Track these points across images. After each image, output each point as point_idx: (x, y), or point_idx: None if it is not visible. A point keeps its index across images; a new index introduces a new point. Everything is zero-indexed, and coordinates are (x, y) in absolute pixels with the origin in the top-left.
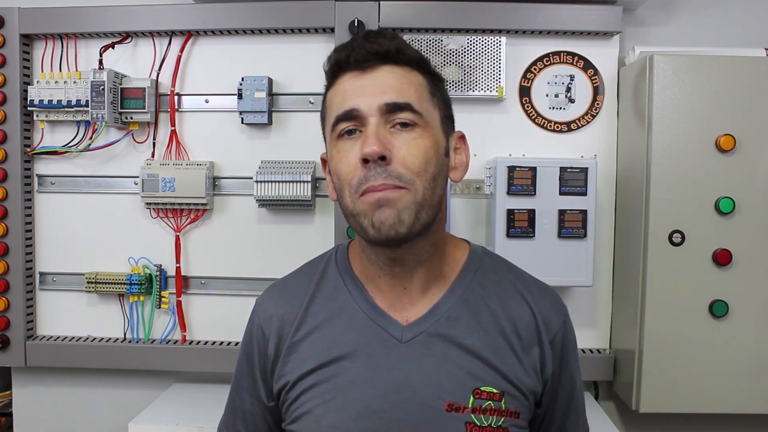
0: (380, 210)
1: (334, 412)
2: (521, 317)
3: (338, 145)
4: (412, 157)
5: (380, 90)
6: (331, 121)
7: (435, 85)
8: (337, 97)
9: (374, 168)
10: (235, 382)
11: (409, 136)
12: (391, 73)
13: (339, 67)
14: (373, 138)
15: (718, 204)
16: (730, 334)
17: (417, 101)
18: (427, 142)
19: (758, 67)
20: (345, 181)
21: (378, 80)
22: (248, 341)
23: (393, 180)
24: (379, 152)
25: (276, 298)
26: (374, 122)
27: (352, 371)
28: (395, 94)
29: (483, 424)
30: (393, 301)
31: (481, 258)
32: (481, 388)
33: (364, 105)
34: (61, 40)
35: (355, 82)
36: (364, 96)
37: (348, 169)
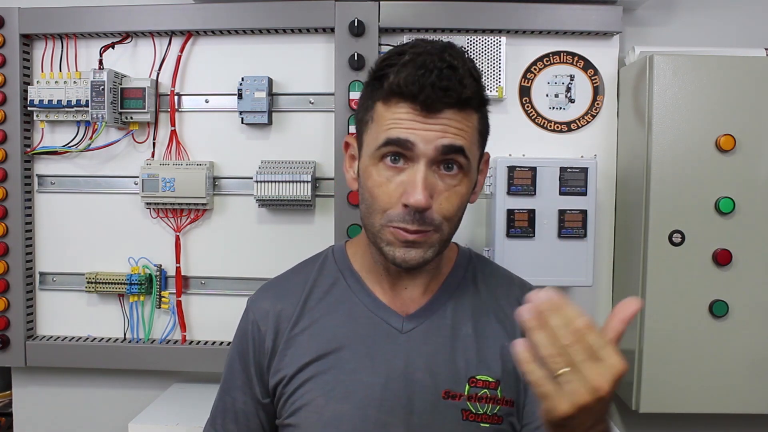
0: (406, 249)
1: (335, 401)
2: (509, 309)
3: (380, 167)
4: (449, 205)
5: (440, 131)
6: (379, 140)
7: (484, 121)
8: (392, 119)
9: (414, 214)
10: (226, 382)
11: (452, 183)
12: (452, 116)
13: (402, 94)
14: (422, 190)
15: (718, 204)
16: (730, 334)
17: (469, 146)
18: (464, 189)
19: (758, 67)
20: (380, 207)
21: (439, 122)
22: (242, 339)
23: (426, 226)
24: (426, 207)
25: (271, 296)
26: (424, 166)
27: (353, 361)
28: (453, 137)
29: (479, 412)
30: (393, 297)
31: (469, 257)
32: (477, 376)
33: (421, 144)
34: (61, 40)
35: (415, 117)
36: (422, 132)
37: (387, 200)
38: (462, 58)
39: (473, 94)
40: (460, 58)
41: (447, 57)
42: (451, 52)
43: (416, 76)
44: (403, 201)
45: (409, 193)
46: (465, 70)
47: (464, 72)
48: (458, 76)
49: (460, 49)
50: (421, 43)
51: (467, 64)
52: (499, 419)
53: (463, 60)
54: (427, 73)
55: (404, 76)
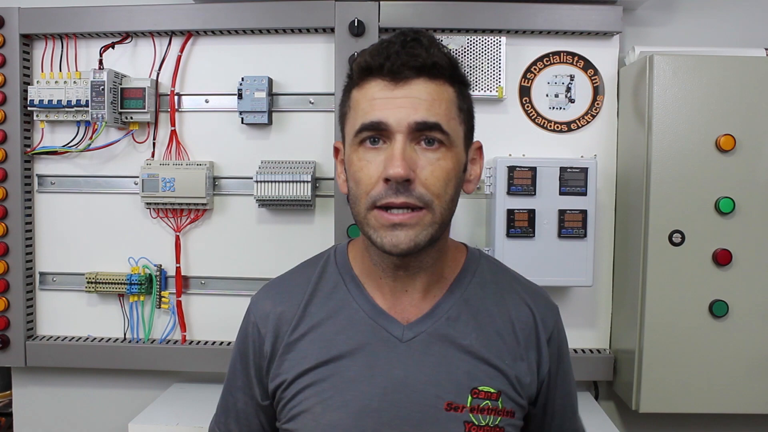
0: (393, 232)
1: (333, 410)
2: (519, 317)
3: (360, 152)
4: (435, 179)
5: (411, 105)
6: (355, 126)
7: (463, 97)
8: (364, 102)
9: (396, 187)
10: (228, 381)
11: (434, 157)
12: (424, 88)
13: (370, 71)
14: (400, 160)
15: (718, 204)
16: (730, 334)
17: (446, 120)
18: (449, 163)
19: (758, 67)
20: (363, 190)
21: (410, 95)
22: (243, 339)
23: (413, 200)
24: (405, 176)
25: (273, 297)
26: (401, 140)
27: (352, 370)
28: (425, 112)
29: (481, 424)
30: (394, 302)
31: (479, 260)
32: (479, 387)
33: (393, 120)
34: (61, 40)
35: (386, 92)
36: (393, 109)
37: (368, 181)
38: (430, 38)
39: (443, 63)
40: (426, 37)
41: (410, 33)
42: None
43: (381, 49)
44: (383, 175)
45: (387, 167)
46: (432, 44)
47: (430, 44)
48: (424, 46)
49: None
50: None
51: (435, 42)
52: (500, 430)
53: (431, 38)
54: (391, 45)
55: (368, 53)
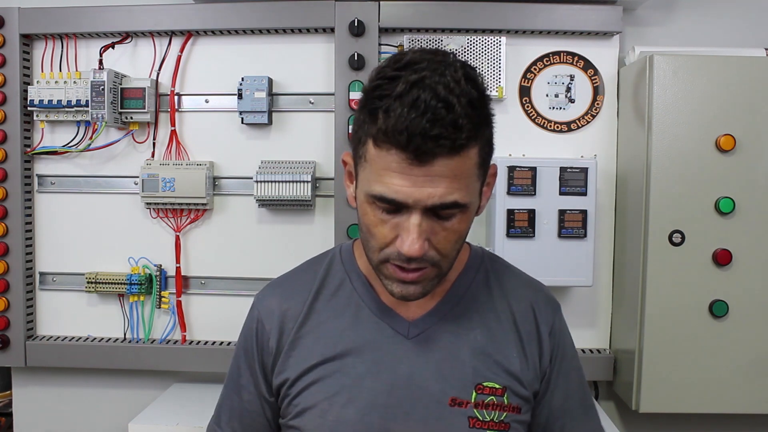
0: (405, 286)
1: (339, 406)
2: (521, 312)
3: (374, 208)
4: (446, 243)
5: (431, 184)
6: (370, 185)
7: (486, 147)
8: (381, 167)
9: (409, 259)
10: (231, 381)
11: (449, 224)
12: (446, 167)
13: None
14: (417, 240)
15: (718, 204)
16: (730, 334)
17: (465, 192)
18: (464, 224)
19: (758, 67)
20: (376, 245)
21: (431, 173)
22: (247, 336)
23: (424, 264)
24: (420, 256)
25: (278, 294)
26: (418, 217)
27: (358, 366)
28: (444, 191)
29: (485, 419)
30: (398, 301)
31: (482, 257)
32: (484, 383)
33: (411, 201)
34: (61, 40)
35: (405, 166)
36: (412, 188)
37: (382, 239)
38: (460, 85)
39: (470, 134)
40: (457, 87)
41: (442, 91)
42: (445, 81)
43: (406, 122)
44: (398, 247)
45: (404, 241)
46: (464, 104)
47: (462, 109)
48: (453, 116)
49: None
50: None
51: (467, 92)
52: (506, 426)
53: (460, 89)
54: (418, 118)
55: (393, 123)
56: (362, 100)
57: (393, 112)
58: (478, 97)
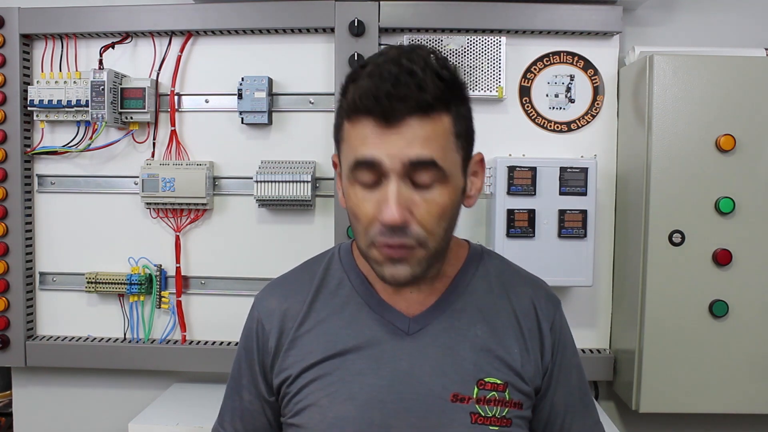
0: (393, 266)
1: (339, 403)
2: (522, 308)
3: (356, 188)
4: (429, 217)
5: (405, 144)
6: (350, 160)
7: (459, 117)
8: (357, 138)
9: (392, 230)
10: (233, 381)
11: (429, 195)
12: (418, 127)
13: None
14: (395, 205)
15: (718, 204)
16: (730, 334)
17: (442, 154)
18: (446, 198)
19: (758, 67)
20: (362, 227)
21: (402, 134)
22: (248, 337)
23: (409, 240)
24: (400, 223)
25: (278, 294)
26: (395, 181)
27: (358, 363)
28: (420, 148)
29: (487, 415)
30: (398, 297)
31: (481, 254)
32: (485, 379)
33: (387, 160)
34: (61, 40)
35: (377, 131)
36: (387, 148)
37: (366, 219)
38: (424, 59)
39: (437, 96)
40: (420, 60)
41: (404, 62)
42: (409, 56)
43: (370, 89)
44: (379, 219)
45: (383, 211)
46: (427, 72)
47: (425, 74)
48: (416, 80)
49: (427, 49)
50: (387, 50)
51: (431, 64)
52: (508, 422)
53: (425, 61)
54: (382, 84)
55: (360, 92)
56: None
57: (361, 83)
58: (447, 74)
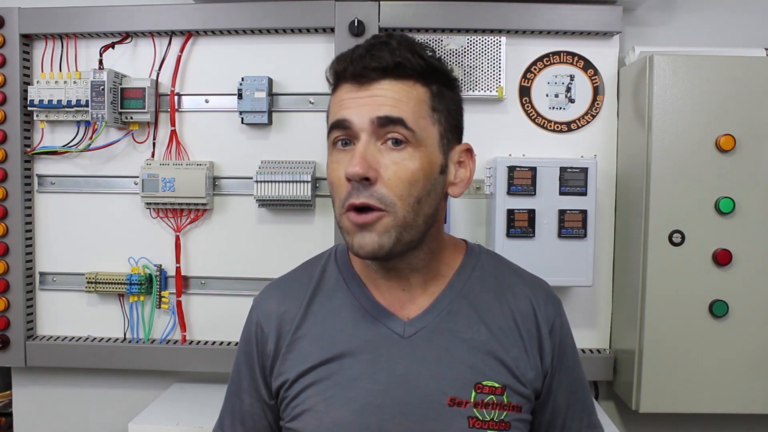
0: (360, 234)
1: (336, 408)
2: (520, 309)
3: (333, 154)
4: (397, 180)
5: (374, 103)
6: (328, 126)
7: (440, 97)
8: (334, 106)
9: (357, 186)
10: (233, 384)
11: (399, 156)
12: (389, 88)
13: (338, 76)
14: (359, 158)
15: (718, 204)
16: (730, 334)
17: (412, 117)
18: (416, 163)
19: (758, 67)
20: (335, 193)
21: (374, 94)
22: (247, 340)
23: (374, 200)
24: (362, 174)
25: (275, 297)
26: (364, 139)
27: (355, 367)
28: (389, 108)
29: (485, 419)
30: (393, 300)
31: (479, 255)
32: (483, 382)
33: (356, 118)
34: (61, 40)
35: (351, 94)
36: (357, 107)
37: (338, 183)
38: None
39: (409, 64)
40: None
41: (383, 37)
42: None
43: (346, 55)
44: (345, 175)
45: (348, 165)
46: (403, 45)
47: (400, 47)
48: (390, 47)
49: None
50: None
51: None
52: (506, 425)
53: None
54: (356, 49)
55: (337, 61)
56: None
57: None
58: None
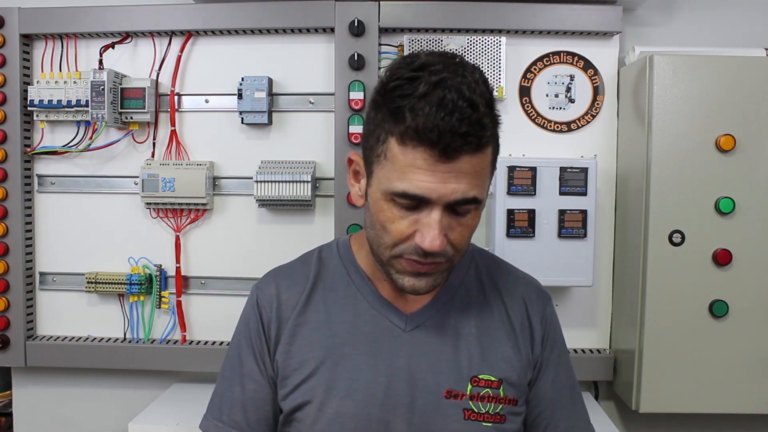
0: (418, 279)
1: (337, 399)
2: (513, 305)
3: (392, 205)
4: (462, 238)
5: (455, 180)
6: (391, 182)
7: (498, 147)
8: (406, 164)
9: (427, 253)
10: (230, 372)
11: (465, 221)
12: (468, 162)
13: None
14: (438, 235)
15: (718, 204)
16: (730, 334)
17: (483, 189)
18: (477, 220)
19: (758, 67)
20: (390, 240)
21: (455, 170)
22: (249, 324)
23: (441, 259)
24: (441, 252)
25: (277, 284)
26: (439, 213)
27: (356, 359)
28: (466, 186)
29: (481, 411)
30: (396, 295)
31: (473, 254)
32: (479, 376)
33: (435, 196)
34: (61, 40)
35: (431, 163)
36: (436, 184)
37: (398, 235)
38: (479, 86)
39: (491, 132)
40: (477, 88)
41: (466, 91)
42: (466, 81)
43: (436, 120)
44: (418, 243)
45: (425, 237)
46: (484, 104)
47: (484, 109)
48: (478, 115)
49: (473, 70)
50: (433, 61)
51: (485, 93)
52: (501, 418)
53: (480, 90)
54: (448, 117)
55: (423, 121)
56: (379, 100)
57: (421, 110)
58: (493, 102)
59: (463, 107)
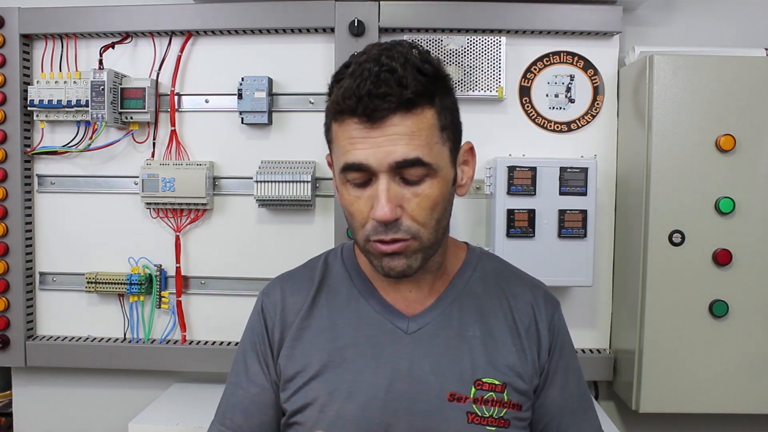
0: (390, 259)
1: (339, 401)
2: (520, 310)
3: (348, 186)
4: (420, 210)
5: (389, 143)
6: (339, 162)
7: (443, 110)
8: (344, 139)
9: (385, 225)
10: (236, 377)
11: (419, 189)
12: (401, 123)
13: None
14: (386, 203)
15: (718, 204)
16: (730, 334)
17: (427, 150)
18: (435, 190)
19: (758, 67)
20: (357, 224)
21: (387, 133)
22: (254, 330)
23: (401, 234)
24: (391, 219)
25: (283, 289)
26: (385, 180)
27: (358, 361)
28: (405, 148)
29: (484, 415)
30: (398, 298)
31: (479, 256)
32: (483, 379)
33: (374, 161)
34: (61, 40)
35: (363, 132)
36: (373, 149)
37: (360, 216)
38: (404, 56)
39: (419, 91)
40: (401, 56)
41: (384, 59)
42: (389, 53)
43: (352, 89)
44: (371, 216)
45: (375, 208)
46: (407, 68)
47: (405, 71)
48: (396, 77)
49: (408, 44)
50: (369, 48)
51: (411, 60)
52: (505, 422)
53: (405, 57)
54: (363, 83)
55: (342, 92)
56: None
57: (343, 83)
58: (428, 69)
59: (380, 72)
